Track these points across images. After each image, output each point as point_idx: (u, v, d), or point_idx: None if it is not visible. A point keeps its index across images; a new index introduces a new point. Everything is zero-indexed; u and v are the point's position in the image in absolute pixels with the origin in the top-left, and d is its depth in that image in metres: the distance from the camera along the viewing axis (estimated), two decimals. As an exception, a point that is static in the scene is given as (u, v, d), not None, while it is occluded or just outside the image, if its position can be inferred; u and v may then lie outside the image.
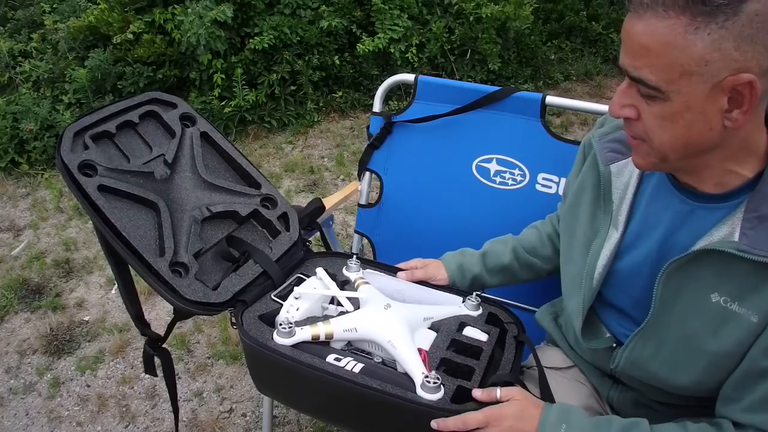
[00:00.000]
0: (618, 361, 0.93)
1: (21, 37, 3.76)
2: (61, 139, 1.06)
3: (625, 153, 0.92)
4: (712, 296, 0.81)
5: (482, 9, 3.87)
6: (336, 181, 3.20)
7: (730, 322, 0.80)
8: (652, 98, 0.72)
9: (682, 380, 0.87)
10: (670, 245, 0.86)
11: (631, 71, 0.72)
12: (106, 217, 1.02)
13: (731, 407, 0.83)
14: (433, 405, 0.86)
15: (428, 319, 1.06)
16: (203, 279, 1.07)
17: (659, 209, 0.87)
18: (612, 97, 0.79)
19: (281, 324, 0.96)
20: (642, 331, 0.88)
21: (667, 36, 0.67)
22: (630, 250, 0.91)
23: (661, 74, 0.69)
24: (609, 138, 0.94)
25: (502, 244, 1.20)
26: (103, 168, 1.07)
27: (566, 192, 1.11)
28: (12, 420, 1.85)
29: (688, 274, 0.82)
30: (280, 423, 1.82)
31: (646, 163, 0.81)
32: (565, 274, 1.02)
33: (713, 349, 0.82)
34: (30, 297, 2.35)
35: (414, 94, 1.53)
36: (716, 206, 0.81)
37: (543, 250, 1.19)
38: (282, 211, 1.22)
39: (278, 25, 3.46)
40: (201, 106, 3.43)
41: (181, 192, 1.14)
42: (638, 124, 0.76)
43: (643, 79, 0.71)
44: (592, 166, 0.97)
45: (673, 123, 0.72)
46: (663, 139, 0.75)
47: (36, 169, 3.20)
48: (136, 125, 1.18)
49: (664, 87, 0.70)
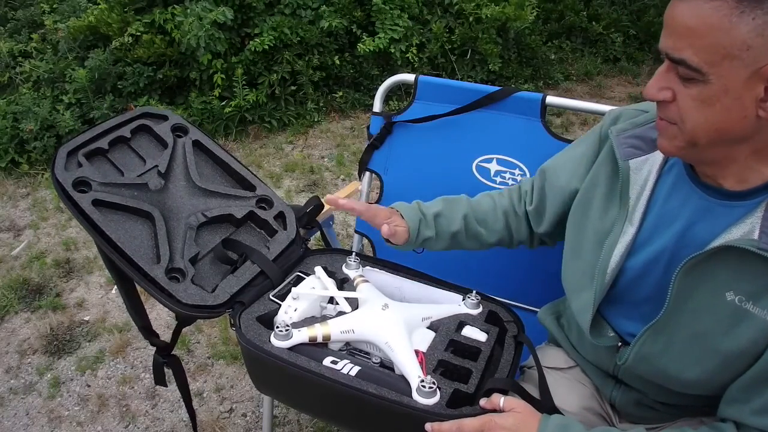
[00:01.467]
0: (627, 357, 0.92)
1: (21, 37, 3.76)
2: (55, 159, 1.10)
3: (645, 149, 0.91)
4: (727, 294, 0.80)
5: (482, 9, 3.87)
6: (336, 181, 3.20)
7: (744, 322, 0.79)
8: (691, 81, 0.73)
9: (691, 377, 0.86)
10: (686, 241, 0.85)
11: (673, 53, 0.73)
12: (101, 230, 1.04)
13: (739, 408, 0.83)
14: (428, 410, 0.86)
15: (427, 319, 1.05)
16: (201, 283, 1.08)
17: (677, 205, 0.87)
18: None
19: (278, 326, 0.96)
20: (654, 327, 0.87)
21: (712, 18, 0.69)
22: (644, 247, 0.90)
23: (704, 56, 0.70)
24: (627, 134, 0.93)
25: (454, 208, 1.14)
26: (97, 183, 1.10)
27: (549, 170, 1.10)
28: (12, 420, 1.85)
29: (704, 271, 0.81)
30: (280, 423, 1.82)
31: (672, 147, 0.80)
32: (572, 270, 1.01)
33: (725, 348, 0.81)
34: (30, 297, 2.35)
35: (414, 94, 1.52)
36: (736, 204, 0.81)
37: (494, 223, 1.15)
38: (278, 211, 1.23)
39: (278, 25, 3.46)
40: (201, 106, 3.43)
41: (176, 200, 1.16)
42: (672, 107, 0.77)
43: (685, 60, 0.72)
44: (607, 161, 0.96)
45: (709, 106, 0.73)
46: (697, 122, 0.75)
47: (36, 169, 3.20)
48: (128, 140, 1.21)
49: (705, 69, 0.71)
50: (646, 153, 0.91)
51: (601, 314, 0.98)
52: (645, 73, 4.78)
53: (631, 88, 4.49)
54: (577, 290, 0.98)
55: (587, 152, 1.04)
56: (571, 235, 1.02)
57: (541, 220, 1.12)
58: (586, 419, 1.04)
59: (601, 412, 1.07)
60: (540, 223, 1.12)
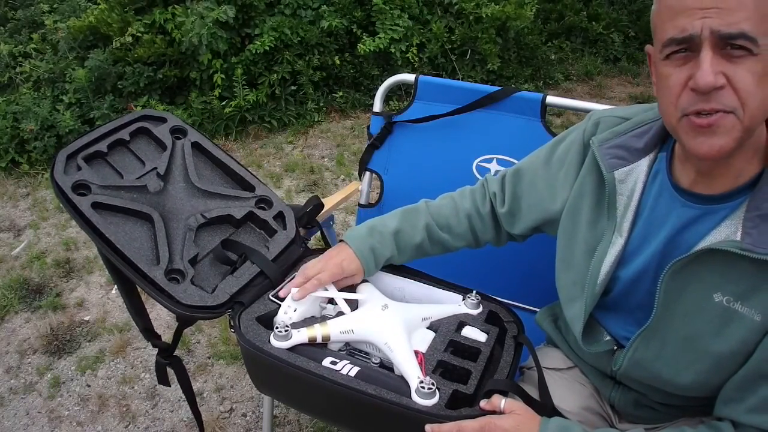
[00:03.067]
0: (621, 363, 0.92)
1: (21, 37, 3.76)
2: (54, 163, 1.10)
3: (629, 159, 0.90)
4: (715, 296, 0.80)
5: (482, 9, 3.87)
6: (336, 181, 3.20)
7: (733, 322, 0.80)
8: (741, 58, 0.70)
9: (685, 381, 0.86)
10: (673, 248, 0.85)
11: (727, 29, 0.69)
12: (101, 232, 1.04)
13: (734, 407, 0.83)
14: (427, 411, 0.86)
15: (426, 319, 1.05)
16: (201, 284, 1.09)
17: (662, 214, 0.87)
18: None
19: (278, 327, 0.96)
20: (645, 332, 0.88)
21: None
22: (633, 257, 0.90)
23: (760, 26, 0.69)
24: (611, 144, 0.92)
25: (414, 219, 1.11)
26: (97, 186, 1.11)
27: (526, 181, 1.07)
28: (12, 420, 1.85)
29: (690, 274, 0.82)
30: (280, 423, 1.82)
31: (730, 141, 0.73)
32: (564, 281, 1.01)
33: (717, 350, 0.81)
34: (30, 297, 2.35)
35: (414, 94, 1.52)
36: (718, 207, 0.81)
37: (458, 227, 1.12)
38: (278, 211, 1.23)
39: (279, 25, 3.46)
40: (201, 106, 3.43)
41: (175, 202, 1.16)
42: (728, 92, 0.72)
43: (744, 31, 0.69)
44: (591, 171, 0.96)
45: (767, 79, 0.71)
46: (760, 99, 0.72)
47: (36, 169, 3.20)
48: (127, 143, 1.21)
49: (761, 40, 0.69)
50: (630, 163, 0.90)
51: (597, 320, 0.98)
52: (645, 73, 4.78)
53: (631, 88, 4.49)
54: (570, 300, 0.99)
55: (569, 173, 1.01)
56: (561, 246, 1.02)
57: (514, 222, 1.10)
58: (586, 419, 1.04)
59: (600, 412, 1.07)
60: (513, 225, 1.11)
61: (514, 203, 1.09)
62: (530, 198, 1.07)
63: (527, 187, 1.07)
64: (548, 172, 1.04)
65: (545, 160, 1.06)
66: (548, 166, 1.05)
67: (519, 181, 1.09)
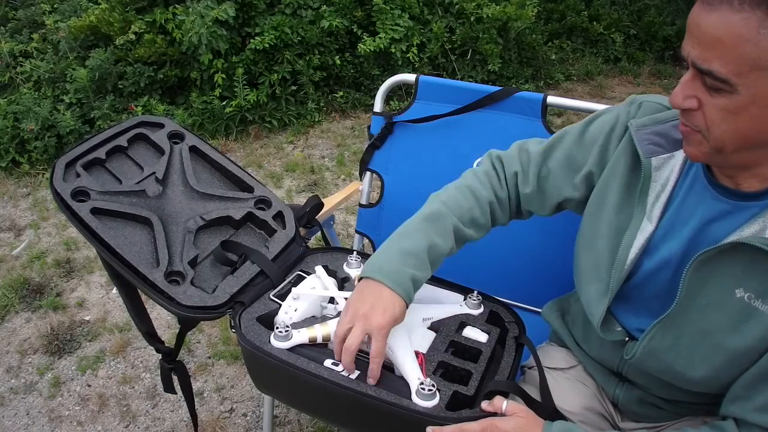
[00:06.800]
0: (635, 352, 0.91)
1: (22, 37, 3.76)
2: (54, 171, 1.11)
3: (667, 148, 0.90)
4: (737, 291, 0.80)
5: (483, 9, 3.87)
6: (337, 181, 3.20)
7: (752, 319, 0.80)
8: (718, 90, 0.72)
9: (696, 374, 0.86)
10: (699, 240, 0.85)
11: (700, 63, 0.71)
12: (100, 237, 1.05)
13: (741, 405, 0.83)
14: (427, 413, 0.86)
15: (427, 320, 1.05)
16: (201, 285, 1.09)
17: (692, 205, 0.87)
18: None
19: (278, 327, 0.96)
20: (663, 321, 0.87)
21: (741, 29, 0.67)
22: (659, 245, 0.90)
23: (732, 67, 0.69)
24: (649, 130, 0.91)
25: (441, 226, 1.02)
26: (96, 192, 1.12)
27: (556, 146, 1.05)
28: (12, 420, 1.85)
29: (715, 267, 0.81)
30: (280, 423, 1.82)
31: (699, 153, 0.79)
32: (585, 260, 0.99)
33: (732, 345, 0.81)
34: (31, 297, 2.35)
35: (415, 94, 1.52)
36: (750, 204, 0.81)
37: (481, 218, 1.06)
38: (277, 210, 1.23)
39: (279, 25, 3.46)
40: (202, 106, 3.43)
41: (174, 206, 1.17)
42: (698, 114, 0.75)
43: (712, 71, 0.70)
44: (625, 153, 0.94)
45: (737, 116, 0.72)
46: (723, 131, 0.74)
47: (37, 169, 3.20)
48: (125, 149, 1.22)
49: (734, 80, 0.70)
50: (668, 151, 0.90)
51: (610, 310, 0.97)
52: (645, 73, 4.78)
53: (631, 89, 4.48)
54: (588, 281, 0.97)
55: (602, 153, 0.98)
56: (586, 226, 1.00)
57: (539, 202, 1.07)
58: (588, 419, 1.03)
59: (602, 411, 1.06)
60: (539, 205, 1.08)
61: (542, 182, 1.06)
62: (559, 177, 1.04)
63: (556, 166, 1.04)
64: (581, 150, 1.02)
65: (577, 138, 1.03)
66: (580, 144, 1.02)
67: (546, 159, 1.06)
